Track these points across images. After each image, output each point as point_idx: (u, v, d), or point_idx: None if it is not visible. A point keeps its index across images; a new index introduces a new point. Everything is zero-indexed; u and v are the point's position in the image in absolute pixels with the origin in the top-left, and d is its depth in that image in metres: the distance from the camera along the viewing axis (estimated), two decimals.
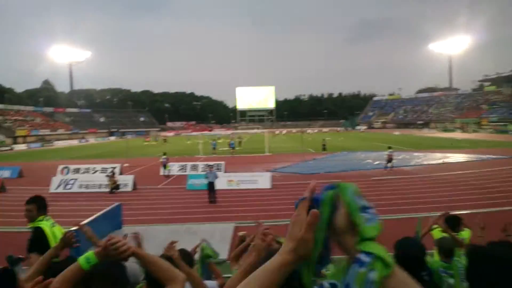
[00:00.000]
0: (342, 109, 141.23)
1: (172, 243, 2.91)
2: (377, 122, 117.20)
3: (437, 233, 4.54)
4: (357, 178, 20.26)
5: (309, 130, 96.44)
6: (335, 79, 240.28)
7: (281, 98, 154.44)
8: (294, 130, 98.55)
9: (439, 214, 4.82)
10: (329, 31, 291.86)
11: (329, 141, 45.88)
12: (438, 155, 30.62)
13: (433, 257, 4.03)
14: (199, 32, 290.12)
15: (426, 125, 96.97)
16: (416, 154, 32.31)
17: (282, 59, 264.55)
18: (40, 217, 4.44)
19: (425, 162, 26.54)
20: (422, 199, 14.51)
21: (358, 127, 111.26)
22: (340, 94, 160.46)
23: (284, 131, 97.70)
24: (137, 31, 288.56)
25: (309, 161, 29.65)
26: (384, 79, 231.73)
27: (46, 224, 4.41)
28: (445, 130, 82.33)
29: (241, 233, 3.82)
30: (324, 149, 37.27)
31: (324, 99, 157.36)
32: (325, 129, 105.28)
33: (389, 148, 22.99)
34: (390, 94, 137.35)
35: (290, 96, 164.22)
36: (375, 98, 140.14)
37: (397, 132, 78.74)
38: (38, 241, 4.19)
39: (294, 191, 17.32)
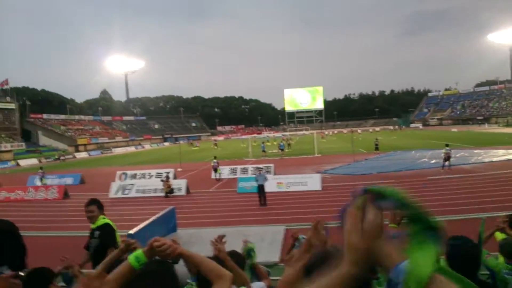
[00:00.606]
0: (395, 107, 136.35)
1: (221, 237, 2.96)
2: (433, 119, 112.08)
3: (500, 234, 4.28)
4: (413, 178, 19.50)
5: (359, 130, 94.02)
6: (387, 75, 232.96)
7: (330, 98, 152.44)
8: (344, 130, 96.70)
9: (504, 214, 4.52)
10: (378, 26, 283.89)
11: (381, 140, 44.49)
12: (500, 151, 28.70)
13: (498, 259, 3.83)
14: (246, 36, 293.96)
15: (486, 120, 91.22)
16: (476, 151, 30.49)
17: (331, 58, 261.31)
18: (101, 216, 4.84)
19: (486, 160, 24.98)
20: (484, 198, 13.67)
21: (412, 125, 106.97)
22: (392, 91, 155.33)
23: (335, 131, 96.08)
24: (187, 39, 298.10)
25: (361, 161, 28.96)
26: (439, 73, 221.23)
27: (110, 221, 4.84)
28: (507, 125, 76.94)
29: (300, 236, 3.78)
30: (376, 148, 36.21)
31: (375, 97, 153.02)
32: (377, 128, 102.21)
33: (446, 145, 21.89)
34: (446, 89, 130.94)
35: (340, 95, 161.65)
36: (430, 94, 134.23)
37: (454, 129, 74.76)
38: (112, 235, 4.65)
39: (345, 193, 16.99)
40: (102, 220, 4.87)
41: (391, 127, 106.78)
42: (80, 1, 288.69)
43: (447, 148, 21.53)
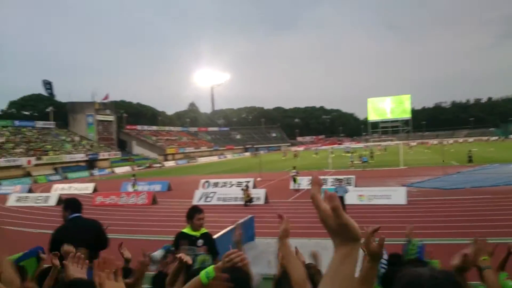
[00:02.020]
0: (492, 116, 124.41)
1: (297, 251, 2.92)
2: None
3: None
4: (511, 194, 17.51)
5: (451, 141, 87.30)
6: (483, 82, 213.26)
7: (419, 107, 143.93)
8: (434, 141, 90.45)
9: None
10: (474, 27, 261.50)
11: (476, 152, 40.80)
12: None
13: None
14: (329, 45, 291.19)
15: None
16: None
17: (419, 64, 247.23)
18: None
19: None
20: None
21: None
22: (489, 98, 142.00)
23: (414, 143, 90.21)
24: (269, 51, 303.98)
25: (452, 174, 26.80)
26: None
27: None
28: None
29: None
30: (470, 161, 33.31)
31: (469, 105, 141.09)
32: (469, 139, 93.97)
33: None
34: None
35: (429, 104, 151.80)
36: None
37: None
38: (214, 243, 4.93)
39: (434, 208, 15.82)
40: (203, 229, 5.08)
41: (485, 138, 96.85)
42: (172, 20, 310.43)
43: None
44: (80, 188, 29.93)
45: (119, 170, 60.10)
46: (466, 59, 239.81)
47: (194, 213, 4.98)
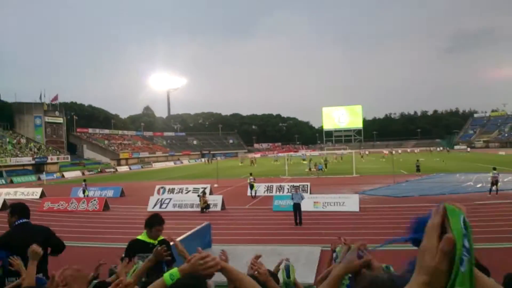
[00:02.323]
0: (438, 128, 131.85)
1: (257, 257, 2.87)
2: (479, 141, 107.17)
3: None
4: (457, 202, 18.56)
5: (399, 150, 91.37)
6: (430, 95, 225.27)
7: (370, 117, 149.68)
8: (384, 150, 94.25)
9: None
10: (422, 44, 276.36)
11: (423, 162, 42.95)
12: None
13: None
14: (285, 55, 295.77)
15: None
16: None
17: (371, 76, 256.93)
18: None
19: None
20: None
21: (456, 147, 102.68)
22: (435, 111, 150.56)
23: (367, 152, 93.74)
24: (227, 57, 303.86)
25: (402, 183, 28.02)
26: (485, 94, 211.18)
27: None
28: None
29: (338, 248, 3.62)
30: (418, 170, 34.97)
31: (417, 117, 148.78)
32: (416, 150, 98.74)
33: (494, 169, 20.74)
34: (493, 111, 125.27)
35: (380, 114, 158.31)
36: (476, 115, 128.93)
37: (502, 152, 71.00)
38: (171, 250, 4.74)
39: (385, 215, 16.45)
40: (160, 236, 4.94)
41: (431, 149, 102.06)
42: (126, 21, 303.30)
43: (495, 172, 20.37)
44: (27, 192, 28.33)
45: (68, 174, 57.49)
46: (414, 73, 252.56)
47: (155, 224, 4.81)
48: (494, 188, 20.20)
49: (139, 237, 4.89)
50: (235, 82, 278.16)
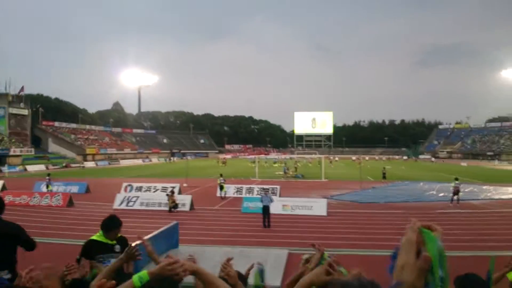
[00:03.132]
0: (404, 137, 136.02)
1: (229, 260, 2.87)
2: (442, 151, 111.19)
3: None
4: (420, 210, 19.20)
5: (367, 157, 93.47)
6: (397, 105, 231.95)
7: (340, 124, 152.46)
8: (353, 157, 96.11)
9: None
10: (391, 56, 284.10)
11: (389, 170, 44.12)
12: (510, 189, 28.22)
13: None
14: (260, 58, 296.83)
15: (496, 156, 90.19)
16: (485, 187, 29.97)
17: (342, 84, 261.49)
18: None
19: (496, 196, 24.56)
20: (493, 236, 13.37)
21: (421, 156, 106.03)
22: (402, 121, 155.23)
23: (336, 157, 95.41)
24: (201, 57, 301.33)
25: (368, 189, 28.66)
26: (450, 107, 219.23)
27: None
28: None
29: (305, 256, 3.66)
30: (384, 177, 35.87)
31: (385, 126, 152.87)
32: (383, 157, 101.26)
33: (456, 179, 21.56)
34: (457, 123, 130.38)
35: (349, 121, 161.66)
36: (440, 127, 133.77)
37: (464, 163, 74.00)
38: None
39: (350, 220, 16.76)
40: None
41: (397, 157, 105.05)
42: (98, 15, 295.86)
43: (457, 182, 21.19)
44: None
45: (31, 168, 55.42)
46: (384, 83, 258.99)
47: (113, 228, 4.55)
48: (455, 197, 20.99)
49: (94, 237, 4.61)
50: (208, 83, 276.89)
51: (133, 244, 3.44)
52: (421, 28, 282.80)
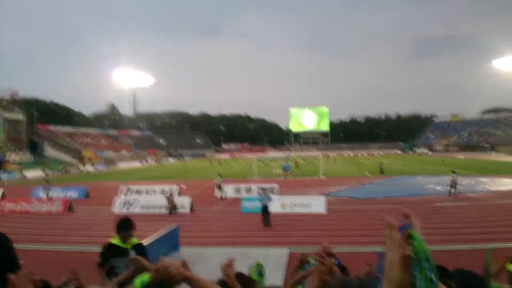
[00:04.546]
0: (400, 131, 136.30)
1: (231, 260, 2.91)
2: (439, 145, 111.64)
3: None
4: (419, 204, 19.31)
5: (365, 153, 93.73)
6: (392, 99, 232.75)
7: (336, 120, 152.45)
8: (351, 153, 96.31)
9: None
10: (384, 49, 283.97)
11: (386, 165, 44.28)
12: (507, 180, 28.43)
13: None
14: (254, 55, 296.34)
15: (492, 148, 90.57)
16: (482, 179, 30.20)
17: (336, 79, 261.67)
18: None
19: (493, 188, 24.75)
20: (491, 227, 13.49)
21: (418, 150, 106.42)
22: (398, 115, 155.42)
23: (334, 154, 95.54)
24: (196, 56, 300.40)
25: (366, 185, 28.79)
26: (445, 99, 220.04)
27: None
28: None
29: (311, 258, 3.70)
30: (381, 172, 36.02)
31: (381, 121, 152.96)
32: (381, 152, 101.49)
33: (453, 172, 21.73)
34: (453, 115, 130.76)
35: (345, 116, 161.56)
36: (436, 120, 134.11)
37: (461, 156, 74.35)
38: (147, 255, 4.70)
39: (350, 216, 16.85)
40: (134, 239, 4.82)
41: (391, 151, 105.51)
42: (92, 15, 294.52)
43: (454, 174, 21.37)
44: None
45: (30, 174, 55.15)
46: (377, 77, 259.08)
47: (121, 229, 4.68)
48: (453, 190, 21.16)
49: (112, 240, 4.74)
50: (203, 82, 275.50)
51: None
52: (414, 20, 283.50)
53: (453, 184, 21.20)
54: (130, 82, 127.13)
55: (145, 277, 1.87)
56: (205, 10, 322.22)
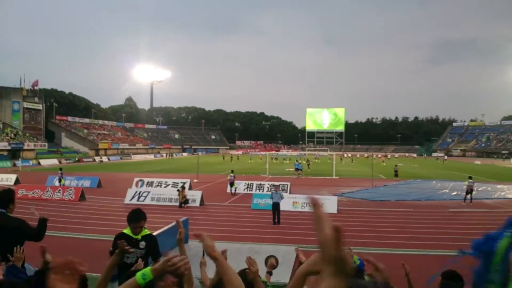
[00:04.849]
0: (417, 134, 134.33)
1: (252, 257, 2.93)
2: (456, 149, 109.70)
3: None
4: (433, 209, 18.96)
5: (379, 155, 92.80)
6: (411, 102, 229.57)
7: (352, 120, 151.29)
8: (365, 154, 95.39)
9: None
10: (406, 50, 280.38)
11: (401, 167, 43.67)
12: None
13: None
14: (272, 53, 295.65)
15: (511, 155, 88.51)
16: (499, 186, 29.48)
17: (355, 79, 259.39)
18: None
19: (510, 196, 24.15)
20: None
21: (434, 154, 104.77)
22: (416, 118, 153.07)
23: (349, 154, 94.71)
24: (213, 53, 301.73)
25: (379, 187, 28.42)
26: (465, 104, 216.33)
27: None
28: None
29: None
30: (396, 175, 35.50)
31: (398, 122, 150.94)
32: (396, 155, 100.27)
33: (470, 178, 21.22)
34: (472, 120, 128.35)
35: (362, 118, 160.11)
36: (454, 124, 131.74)
37: (478, 161, 72.91)
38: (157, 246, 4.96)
39: (362, 218, 16.63)
40: (146, 230, 4.84)
41: (406, 154, 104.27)
42: (113, 11, 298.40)
43: (470, 180, 20.86)
44: (1, 178, 27.54)
45: (45, 162, 56.23)
46: (396, 80, 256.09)
47: (131, 221, 4.73)
48: (468, 196, 20.67)
49: (125, 231, 4.82)
50: (220, 78, 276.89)
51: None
52: (435, 24, 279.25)
53: (469, 190, 20.71)
54: (148, 76, 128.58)
55: (147, 270, 1.83)
56: (223, 7, 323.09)
